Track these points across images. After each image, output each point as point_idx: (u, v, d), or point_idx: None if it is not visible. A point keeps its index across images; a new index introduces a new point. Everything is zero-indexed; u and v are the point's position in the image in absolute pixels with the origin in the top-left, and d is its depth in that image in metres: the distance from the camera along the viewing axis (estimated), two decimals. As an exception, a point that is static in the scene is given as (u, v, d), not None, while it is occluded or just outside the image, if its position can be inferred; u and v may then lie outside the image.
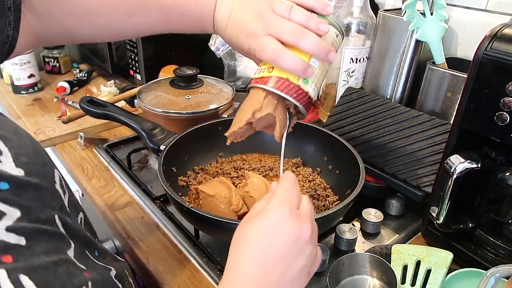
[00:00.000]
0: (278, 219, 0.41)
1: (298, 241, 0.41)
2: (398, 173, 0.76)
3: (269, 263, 0.39)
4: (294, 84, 0.48)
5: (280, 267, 0.40)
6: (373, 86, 1.00)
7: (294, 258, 0.40)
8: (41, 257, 0.29)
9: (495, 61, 0.54)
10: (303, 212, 0.43)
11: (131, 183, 0.85)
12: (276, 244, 0.40)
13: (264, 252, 0.40)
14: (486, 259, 0.63)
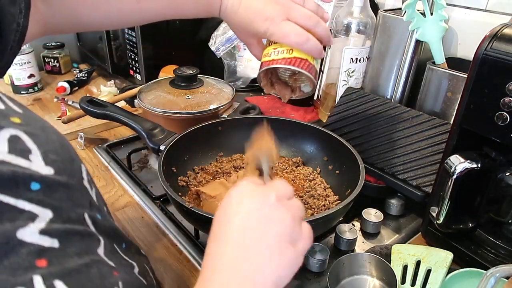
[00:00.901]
0: (239, 192, 0.39)
1: (262, 206, 0.37)
2: (398, 173, 0.76)
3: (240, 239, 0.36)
4: (312, 65, 0.57)
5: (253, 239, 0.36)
6: (373, 86, 1.00)
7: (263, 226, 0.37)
8: (73, 259, 0.29)
9: (495, 61, 0.54)
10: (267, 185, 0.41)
11: (131, 183, 0.85)
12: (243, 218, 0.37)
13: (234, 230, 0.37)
14: (486, 259, 0.63)
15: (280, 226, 0.37)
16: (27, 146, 0.29)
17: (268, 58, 0.58)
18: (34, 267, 0.25)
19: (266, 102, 1.19)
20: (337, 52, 0.98)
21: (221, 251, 0.36)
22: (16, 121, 0.30)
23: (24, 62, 1.23)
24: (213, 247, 0.37)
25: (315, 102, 1.14)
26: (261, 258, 0.35)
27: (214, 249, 0.37)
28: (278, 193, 0.38)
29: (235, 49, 1.23)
